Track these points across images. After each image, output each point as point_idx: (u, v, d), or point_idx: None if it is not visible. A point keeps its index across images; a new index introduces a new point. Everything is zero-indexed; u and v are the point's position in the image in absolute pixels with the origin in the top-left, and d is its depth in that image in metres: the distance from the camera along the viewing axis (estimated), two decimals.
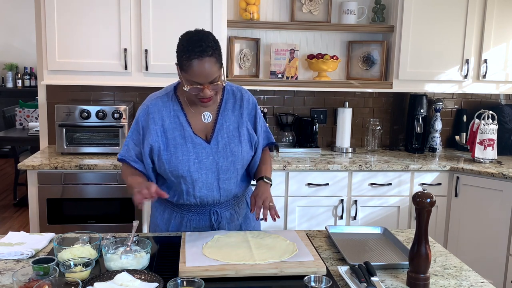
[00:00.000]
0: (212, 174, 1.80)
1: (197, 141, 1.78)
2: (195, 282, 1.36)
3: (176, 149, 1.77)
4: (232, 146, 1.81)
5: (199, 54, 1.61)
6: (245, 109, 1.86)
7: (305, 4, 3.42)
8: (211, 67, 1.63)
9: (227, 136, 1.81)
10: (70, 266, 1.45)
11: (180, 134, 1.78)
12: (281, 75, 3.46)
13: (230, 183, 1.84)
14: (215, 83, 1.67)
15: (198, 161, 1.77)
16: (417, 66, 3.34)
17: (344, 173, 3.12)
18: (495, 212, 3.06)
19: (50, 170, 2.88)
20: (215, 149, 1.79)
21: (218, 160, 1.80)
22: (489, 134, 3.28)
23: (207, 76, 1.64)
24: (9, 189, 5.84)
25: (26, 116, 5.65)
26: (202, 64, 1.61)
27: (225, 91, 1.85)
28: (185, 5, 3.07)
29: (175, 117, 1.79)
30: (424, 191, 1.48)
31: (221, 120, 1.82)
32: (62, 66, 3.06)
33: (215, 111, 1.83)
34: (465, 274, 1.59)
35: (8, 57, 7.75)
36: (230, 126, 1.82)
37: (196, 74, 1.63)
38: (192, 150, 1.77)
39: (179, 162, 1.76)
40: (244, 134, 1.84)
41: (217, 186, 1.82)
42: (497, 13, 3.34)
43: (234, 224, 1.92)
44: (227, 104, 1.84)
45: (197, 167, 1.77)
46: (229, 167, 1.81)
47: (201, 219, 1.87)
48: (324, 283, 1.40)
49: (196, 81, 1.65)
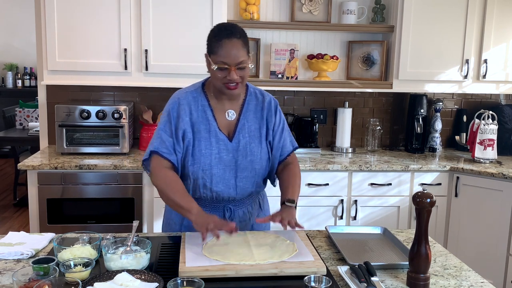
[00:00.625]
0: (230, 171, 1.84)
1: (221, 137, 1.83)
2: (195, 282, 1.36)
3: (200, 143, 1.82)
4: (253, 146, 1.85)
5: (228, 35, 1.71)
6: (266, 110, 1.90)
7: (305, 4, 3.42)
8: (238, 49, 1.71)
9: (249, 135, 1.86)
10: (70, 266, 1.45)
11: (205, 128, 1.83)
12: (281, 75, 3.46)
13: (247, 182, 1.87)
14: (242, 67, 1.73)
15: (219, 156, 1.82)
16: (417, 66, 3.34)
17: (344, 173, 3.12)
18: (495, 212, 3.06)
19: (50, 170, 2.88)
20: (236, 147, 1.84)
21: (237, 158, 1.84)
22: (489, 134, 3.28)
23: (234, 56, 1.70)
24: (9, 189, 5.84)
25: (26, 116, 5.65)
26: (231, 43, 1.70)
27: (248, 92, 1.91)
28: (185, 5, 3.07)
29: (203, 111, 1.84)
30: (424, 191, 1.48)
31: (243, 120, 1.87)
32: (62, 66, 3.06)
33: (238, 110, 1.87)
34: (465, 274, 1.59)
35: (8, 57, 7.75)
36: (251, 126, 1.87)
37: (224, 53, 1.70)
38: (215, 145, 1.82)
39: (201, 155, 1.81)
40: (264, 135, 1.89)
41: (234, 183, 1.85)
42: (497, 13, 3.34)
43: (245, 223, 1.93)
44: (250, 105, 1.89)
45: (217, 162, 1.82)
46: (247, 166, 1.85)
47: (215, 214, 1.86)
48: (324, 283, 1.40)
49: (224, 61, 1.71)
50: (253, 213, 1.97)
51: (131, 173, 2.94)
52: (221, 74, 1.73)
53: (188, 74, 3.13)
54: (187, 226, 1.88)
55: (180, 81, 3.15)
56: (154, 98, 3.52)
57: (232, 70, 1.71)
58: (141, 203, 2.97)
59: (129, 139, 3.23)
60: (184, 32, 3.09)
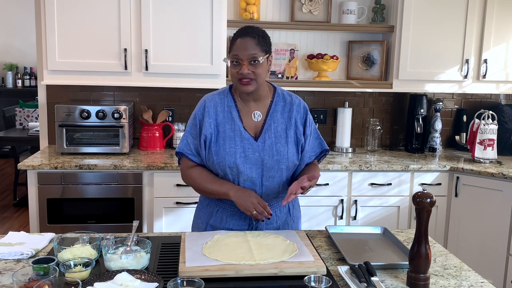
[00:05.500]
0: (257, 170, 1.86)
1: (245, 136, 1.86)
2: (195, 282, 1.36)
3: (225, 142, 1.85)
4: (279, 146, 1.87)
5: (242, 34, 1.80)
6: (294, 112, 1.92)
7: (305, 4, 3.42)
8: (251, 45, 1.77)
9: (274, 136, 1.88)
10: (70, 266, 1.45)
11: (230, 128, 1.87)
12: (281, 75, 3.46)
13: (273, 181, 1.89)
14: (254, 62, 1.77)
15: (245, 155, 1.85)
16: (417, 66, 3.34)
17: (344, 173, 3.12)
18: (495, 212, 3.06)
19: (50, 170, 2.88)
20: (262, 147, 1.86)
21: (263, 157, 1.86)
22: (489, 134, 3.28)
23: (245, 50, 1.77)
24: (9, 189, 5.84)
25: (26, 116, 5.65)
26: (244, 40, 1.78)
27: (276, 93, 1.94)
28: (185, 5, 3.07)
29: (228, 112, 1.89)
30: (424, 191, 1.48)
31: (270, 121, 1.90)
32: (62, 66, 3.06)
33: (265, 112, 1.91)
34: (465, 274, 1.59)
35: (8, 57, 7.76)
36: (278, 127, 1.89)
37: (236, 47, 1.79)
38: (239, 144, 1.85)
39: (226, 154, 1.84)
40: (291, 136, 1.90)
41: (260, 182, 1.87)
42: (497, 13, 3.34)
43: (272, 227, 1.93)
44: (277, 106, 1.92)
45: (243, 160, 1.84)
46: (274, 166, 1.87)
47: (241, 217, 1.90)
48: (324, 283, 1.40)
49: (236, 53, 1.78)
50: (281, 217, 1.97)
51: (131, 173, 2.94)
52: (234, 69, 1.80)
53: (188, 74, 3.13)
54: (212, 225, 1.93)
55: (180, 81, 3.15)
56: (154, 98, 3.52)
57: (244, 65, 1.77)
58: (141, 203, 2.97)
59: (129, 139, 3.23)
60: (184, 32, 3.09)
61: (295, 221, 2.03)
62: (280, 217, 1.96)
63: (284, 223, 1.98)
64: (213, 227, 1.92)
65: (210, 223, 1.94)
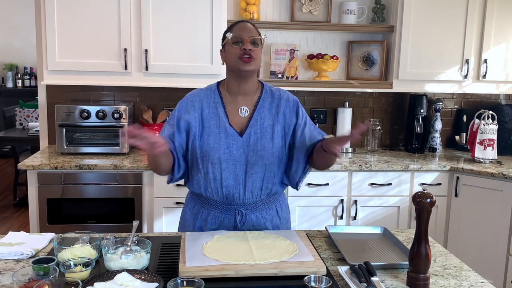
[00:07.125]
0: (240, 167, 1.85)
1: (230, 132, 1.85)
2: (195, 282, 1.36)
3: (209, 137, 1.85)
4: (264, 141, 1.86)
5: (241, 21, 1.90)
6: (282, 107, 1.92)
7: (305, 4, 3.42)
8: (252, 28, 1.85)
9: (260, 131, 1.87)
10: (70, 266, 1.45)
11: (215, 124, 1.86)
12: (281, 75, 3.46)
13: (256, 177, 1.87)
14: (255, 42, 1.83)
15: (229, 151, 1.84)
16: (417, 66, 3.34)
17: (344, 173, 3.12)
18: (495, 212, 3.06)
19: (50, 170, 2.88)
20: (247, 143, 1.85)
21: (247, 154, 1.85)
22: (489, 134, 3.28)
23: (248, 31, 1.82)
24: (9, 189, 5.84)
25: (26, 116, 5.65)
26: (244, 24, 1.86)
27: (264, 90, 1.94)
28: (185, 5, 3.07)
29: (214, 108, 1.89)
30: (424, 191, 1.48)
31: (256, 116, 1.89)
32: (62, 66, 3.06)
33: (252, 107, 1.90)
34: (465, 274, 1.59)
35: (8, 57, 7.76)
36: (264, 122, 1.89)
37: (238, 29, 1.84)
38: (224, 140, 1.84)
39: (210, 149, 1.84)
40: (277, 131, 1.89)
41: (243, 179, 1.86)
42: (497, 13, 3.34)
43: (260, 228, 1.91)
44: (265, 102, 1.92)
45: (227, 156, 1.84)
46: (257, 161, 1.86)
47: (226, 217, 1.89)
48: (324, 283, 1.40)
49: (239, 33, 1.82)
50: (268, 219, 1.94)
51: (131, 173, 2.94)
52: (236, 47, 1.82)
53: (188, 74, 3.13)
54: (199, 227, 1.91)
55: (180, 81, 3.15)
56: (154, 98, 3.52)
57: (246, 41, 1.80)
58: (141, 203, 2.97)
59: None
60: (184, 32, 3.09)
61: (284, 222, 2.01)
62: (267, 219, 1.93)
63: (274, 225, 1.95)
64: (200, 228, 1.91)
65: (197, 225, 1.92)
